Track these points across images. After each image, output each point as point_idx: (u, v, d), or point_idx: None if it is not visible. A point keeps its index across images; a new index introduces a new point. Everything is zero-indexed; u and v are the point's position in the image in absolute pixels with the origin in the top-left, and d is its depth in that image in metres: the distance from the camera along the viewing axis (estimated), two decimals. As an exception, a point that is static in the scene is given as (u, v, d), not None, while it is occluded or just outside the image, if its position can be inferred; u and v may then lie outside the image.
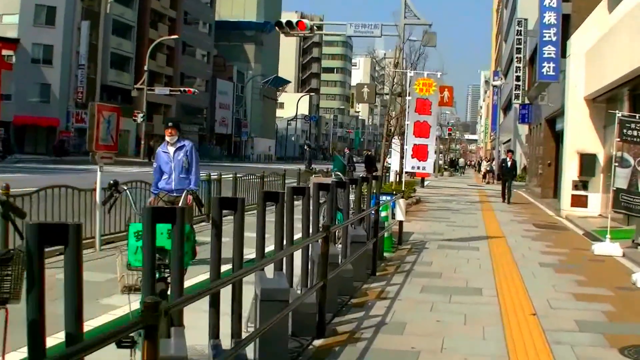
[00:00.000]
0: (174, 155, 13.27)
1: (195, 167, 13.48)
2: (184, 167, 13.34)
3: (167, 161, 13.34)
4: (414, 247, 17.75)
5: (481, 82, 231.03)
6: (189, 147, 13.44)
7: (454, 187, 53.35)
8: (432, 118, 22.86)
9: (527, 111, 53.88)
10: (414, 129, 22.82)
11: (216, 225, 6.58)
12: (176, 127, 13.58)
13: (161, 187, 13.46)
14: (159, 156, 13.46)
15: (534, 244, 19.27)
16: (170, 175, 13.34)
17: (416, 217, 25.76)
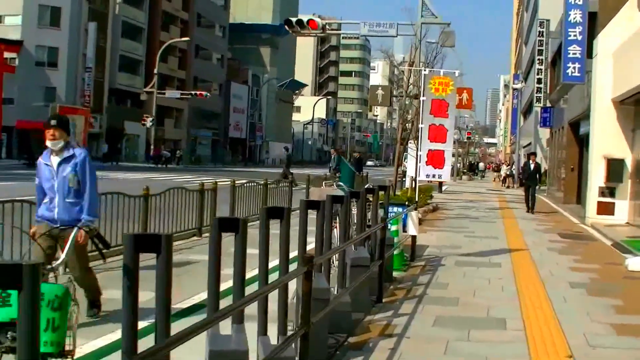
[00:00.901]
0: (58, 169, 9.10)
1: (90, 188, 9.20)
2: (72, 187, 9.11)
3: (48, 177, 9.18)
4: (429, 263, 15.97)
5: (500, 86, 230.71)
6: (81, 159, 9.15)
7: (473, 192, 51.63)
8: (449, 121, 20.67)
9: (548, 114, 52.16)
10: (429, 133, 20.64)
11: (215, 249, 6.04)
12: (61, 126, 9.10)
13: (40, 214, 9.35)
14: (39, 169, 9.33)
15: (561, 259, 17.46)
16: (53, 198, 9.17)
17: (432, 227, 24.06)
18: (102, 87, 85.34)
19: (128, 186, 20.96)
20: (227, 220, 6.22)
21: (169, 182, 36.71)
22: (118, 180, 39.65)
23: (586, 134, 33.48)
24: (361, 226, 11.42)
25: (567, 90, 38.77)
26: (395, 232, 14.90)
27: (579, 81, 32.05)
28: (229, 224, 6.10)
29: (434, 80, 20.20)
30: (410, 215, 15.66)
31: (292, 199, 26.87)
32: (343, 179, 19.99)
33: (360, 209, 11.80)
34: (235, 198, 21.84)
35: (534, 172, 34.17)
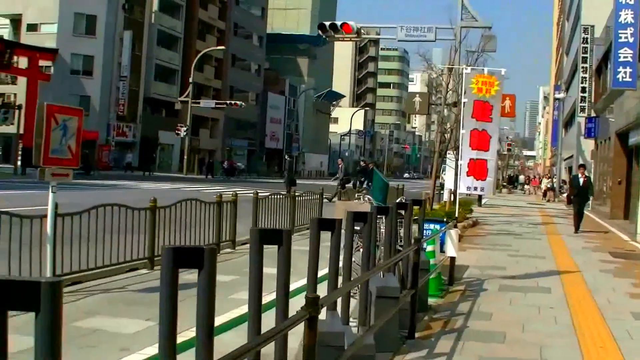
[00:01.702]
0: None
1: None
2: None
3: None
4: (469, 288, 14.20)
5: (540, 98, 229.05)
6: None
7: (513, 206, 49.73)
8: (493, 126, 18.92)
9: (593, 125, 50.19)
10: (470, 139, 18.90)
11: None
12: None
13: None
14: None
15: (617, 283, 15.59)
16: None
17: (472, 245, 22.26)
18: (137, 96, 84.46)
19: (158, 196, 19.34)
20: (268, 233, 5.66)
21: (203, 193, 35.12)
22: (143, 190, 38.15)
23: (637, 144, 31.56)
24: (390, 248, 9.60)
25: (615, 98, 36.86)
26: (431, 253, 13.18)
27: (630, 87, 30.04)
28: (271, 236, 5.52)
29: (477, 80, 18.19)
30: (449, 233, 13.82)
31: (322, 212, 25.25)
32: (374, 193, 18.05)
33: (390, 227, 10.00)
34: (258, 211, 20.19)
35: (583, 187, 28.92)
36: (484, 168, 18.72)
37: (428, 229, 14.70)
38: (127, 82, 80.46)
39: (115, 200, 15.00)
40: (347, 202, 12.78)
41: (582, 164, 32.23)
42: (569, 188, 33.41)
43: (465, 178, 18.76)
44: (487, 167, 18.90)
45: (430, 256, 13.01)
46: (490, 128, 18.68)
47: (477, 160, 18.80)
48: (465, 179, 18.78)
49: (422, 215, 11.90)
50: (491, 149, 18.90)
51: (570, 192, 31.87)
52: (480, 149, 18.68)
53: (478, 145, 18.66)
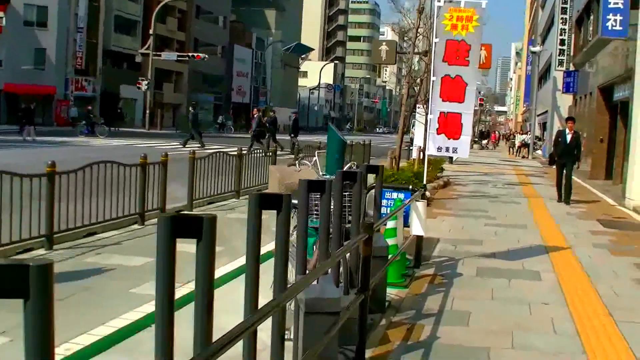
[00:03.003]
0: None
1: None
2: None
3: None
4: (440, 272, 11.51)
5: (512, 54, 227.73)
6: None
7: (486, 163, 47.15)
8: (470, 71, 15.44)
9: (572, 79, 47.62)
10: (441, 88, 15.42)
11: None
12: None
13: None
14: None
15: (617, 264, 12.89)
16: None
17: (444, 210, 19.65)
18: (95, 48, 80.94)
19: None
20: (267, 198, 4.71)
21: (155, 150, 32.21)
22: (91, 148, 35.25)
23: (623, 100, 28.94)
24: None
25: (598, 50, 34.21)
26: (391, 230, 10.45)
27: (621, 35, 27.33)
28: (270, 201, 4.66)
29: (451, 14, 14.73)
30: (415, 206, 11.04)
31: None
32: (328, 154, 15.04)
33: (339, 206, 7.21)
34: (196, 173, 17.38)
35: (571, 145, 23.53)
36: (458, 124, 15.38)
37: (390, 198, 12.00)
38: (84, 34, 76.98)
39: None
40: (282, 167, 9.69)
41: (570, 117, 26.52)
42: (553, 146, 25.95)
43: (436, 137, 15.46)
44: (461, 123, 15.49)
45: (389, 235, 10.30)
46: (467, 74, 15.33)
47: (449, 114, 15.44)
48: (435, 138, 15.31)
49: (379, 188, 9.11)
50: (467, 100, 15.45)
51: (555, 152, 24.80)
52: (454, 100, 15.32)
53: (450, 96, 15.32)
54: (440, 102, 15.45)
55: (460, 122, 15.44)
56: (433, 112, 15.44)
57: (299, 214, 5.79)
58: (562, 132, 24.34)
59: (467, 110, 15.55)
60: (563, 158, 23.67)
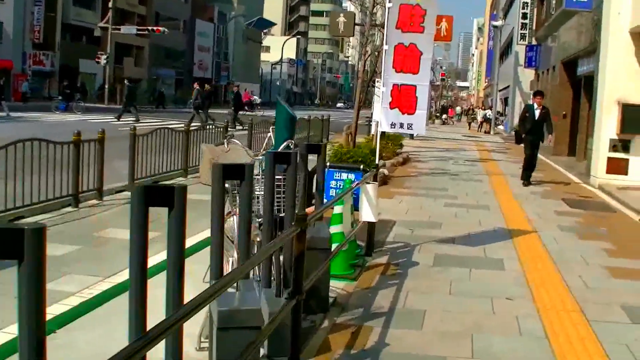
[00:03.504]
0: None
1: None
2: None
3: None
4: (394, 260, 10.50)
5: (473, 30, 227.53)
6: None
7: (448, 139, 46.33)
8: (425, 39, 14.05)
9: (534, 53, 46.75)
10: (394, 57, 14.05)
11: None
12: None
13: None
14: None
15: (586, 249, 11.95)
16: None
17: (402, 189, 18.70)
18: (54, 22, 78.94)
19: None
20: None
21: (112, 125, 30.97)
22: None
23: (587, 74, 28.06)
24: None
25: (563, 23, 33.30)
26: (337, 216, 9.42)
27: (585, 7, 26.36)
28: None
29: None
30: (365, 190, 9.97)
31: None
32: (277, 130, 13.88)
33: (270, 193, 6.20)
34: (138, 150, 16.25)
35: (540, 122, 21.45)
36: (413, 97, 14.04)
37: (340, 179, 10.98)
38: (42, 7, 75.14)
39: None
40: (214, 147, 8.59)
41: (539, 91, 23.65)
42: (519, 122, 23.54)
43: (388, 111, 14.21)
44: (416, 96, 14.13)
45: (336, 221, 9.29)
46: (422, 41, 13.97)
47: (403, 86, 14.09)
48: (388, 113, 14.15)
49: (321, 170, 8.07)
50: (422, 70, 14.09)
51: (522, 128, 22.46)
52: (408, 70, 13.98)
53: (404, 66, 13.98)
54: (393, 73, 14.18)
55: (415, 95, 14.13)
56: (385, 85, 14.25)
57: (212, 205, 4.79)
58: (530, 107, 21.99)
59: (422, 81, 14.23)
60: (531, 135, 21.55)
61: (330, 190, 11.07)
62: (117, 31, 78.70)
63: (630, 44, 21.34)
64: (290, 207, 6.51)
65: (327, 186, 11.11)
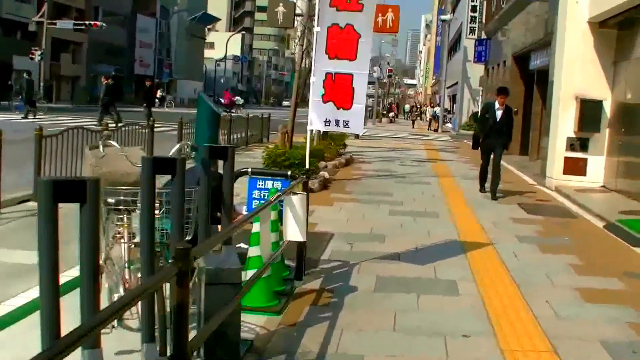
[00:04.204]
0: None
1: None
2: None
3: None
4: (328, 285, 8.81)
5: (421, 27, 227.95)
6: None
7: (395, 138, 44.95)
8: (364, 19, 11.78)
9: (484, 48, 45.52)
10: (327, 41, 12.01)
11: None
12: None
13: None
14: None
15: (550, 264, 10.40)
16: None
17: (343, 194, 17.11)
18: (-16, 16, 76.71)
19: None
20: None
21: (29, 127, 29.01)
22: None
23: (541, 68, 26.70)
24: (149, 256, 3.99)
25: (514, 14, 31.99)
26: (255, 236, 7.71)
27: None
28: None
29: None
30: (289, 203, 8.13)
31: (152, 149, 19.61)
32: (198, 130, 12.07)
33: (148, 212, 4.58)
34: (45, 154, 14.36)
35: (502, 123, 18.12)
36: (349, 88, 11.89)
37: (264, 189, 9.28)
38: (-29, 0, 72.92)
39: None
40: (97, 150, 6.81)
41: (503, 88, 19.16)
42: (478, 124, 20.54)
43: (321, 106, 12.19)
44: (353, 87, 11.95)
45: (254, 242, 7.61)
46: (360, 22, 11.78)
47: (337, 75, 12.03)
48: (320, 108, 12.22)
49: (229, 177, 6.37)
50: (361, 57, 11.90)
51: (480, 131, 19.10)
52: (343, 56, 11.93)
53: (339, 51, 11.94)
54: (326, 59, 12.22)
55: (352, 86, 12.01)
56: (317, 74, 12.36)
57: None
58: (490, 107, 18.61)
59: (360, 69, 12.03)
60: (491, 139, 18.13)
61: (252, 202, 9.31)
62: (53, 26, 76.29)
63: (589, 34, 19.90)
64: (177, 232, 4.88)
65: (249, 197, 9.36)
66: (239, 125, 29.76)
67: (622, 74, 19.42)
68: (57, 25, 77.13)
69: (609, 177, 19.81)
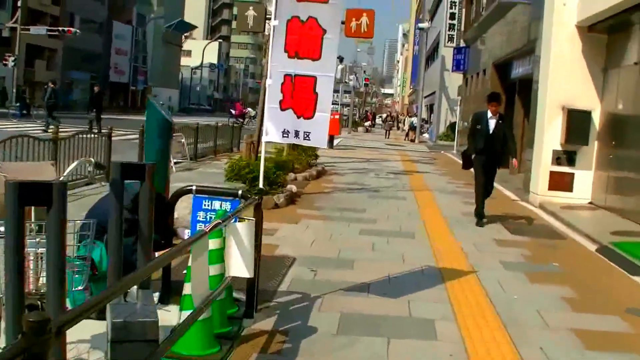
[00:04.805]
0: None
1: None
2: None
3: None
4: (283, 325, 7.39)
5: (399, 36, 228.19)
6: None
7: (370, 148, 43.70)
8: (329, 12, 9.98)
9: (462, 56, 44.34)
10: (287, 37, 10.21)
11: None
12: None
13: None
14: None
15: (541, 298, 9.07)
16: None
17: (310, 210, 15.75)
18: (-42, 22, 75.32)
19: None
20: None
21: None
22: None
23: (523, 77, 25.47)
24: None
25: (495, 21, 30.82)
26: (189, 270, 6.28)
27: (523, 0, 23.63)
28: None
29: None
30: (232, 231, 6.58)
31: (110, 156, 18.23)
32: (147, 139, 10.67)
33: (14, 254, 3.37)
34: None
35: (496, 136, 15.25)
36: (311, 93, 10.00)
37: (211, 210, 7.87)
38: (-57, 4, 71.54)
39: None
40: None
41: (494, 94, 16.14)
42: (468, 138, 16.43)
43: (278, 114, 10.34)
44: (316, 92, 10.04)
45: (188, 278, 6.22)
46: (325, 15, 9.97)
47: (297, 78, 10.14)
48: (277, 116, 10.40)
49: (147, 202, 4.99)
50: (326, 56, 10.00)
51: (470, 146, 15.81)
52: (305, 55, 10.05)
53: (300, 49, 10.07)
54: (285, 58, 10.36)
55: (315, 91, 10.09)
56: (273, 76, 10.54)
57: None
58: (481, 117, 15.55)
59: (325, 71, 10.11)
60: (484, 155, 15.28)
61: (197, 226, 7.88)
62: (27, 32, 75.03)
63: (577, 39, 18.63)
64: (54, 283, 3.59)
65: (194, 220, 7.93)
66: (207, 134, 28.41)
67: (613, 82, 18.16)
68: (30, 31, 75.89)
69: (597, 194, 18.54)
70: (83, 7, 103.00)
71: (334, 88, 10.95)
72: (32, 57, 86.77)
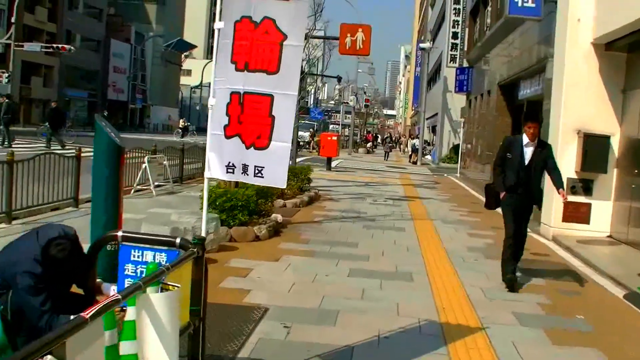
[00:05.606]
0: None
1: None
2: None
3: None
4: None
5: (401, 58, 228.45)
6: None
7: (370, 170, 42.03)
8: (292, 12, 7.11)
9: (466, 77, 42.64)
10: (234, 43, 7.45)
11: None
12: None
13: None
14: None
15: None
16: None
17: (296, 244, 13.95)
18: (-48, 37, 74.26)
19: None
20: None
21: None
22: None
23: (532, 98, 23.73)
24: None
25: (500, 39, 29.14)
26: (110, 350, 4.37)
27: (534, 15, 21.69)
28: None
29: None
30: (145, 306, 4.50)
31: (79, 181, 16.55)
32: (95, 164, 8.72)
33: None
34: None
35: (533, 168, 11.63)
36: (265, 117, 7.24)
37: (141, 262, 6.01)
38: (-59, 23, 70.55)
39: None
40: None
41: (531, 113, 12.29)
42: (493, 169, 12.37)
43: (223, 142, 7.59)
44: (272, 116, 7.24)
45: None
46: (286, 15, 7.22)
47: (248, 96, 7.37)
48: (220, 146, 7.64)
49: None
50: (286, 68, 7.22)
51: (497, 180, 11.85)
52: (257, 66, 7.33)
53: (252, 58, 7.37)
54: (231, 71, 7.67)
55: (270, 114, 7.31)
56: (217, 93, 7.81)
57: None
58: (513, 143, 11.82)
59: (284, 88, 7.26)
60: (517, 194, 11.63)
61: (125, 281, 6.02)
62: (21, 48, 73.81)
63: (594, 58, 16.83)
64: None
65: (121, 274, 6.04)
66: (194, 155, 26.67)
67: (634, 105, 16.35)
68: (24, 47, 74.71)
69: (617, 226, 16.70)
70: (80, 25, 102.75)
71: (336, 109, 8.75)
72: (28, 74, 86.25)
